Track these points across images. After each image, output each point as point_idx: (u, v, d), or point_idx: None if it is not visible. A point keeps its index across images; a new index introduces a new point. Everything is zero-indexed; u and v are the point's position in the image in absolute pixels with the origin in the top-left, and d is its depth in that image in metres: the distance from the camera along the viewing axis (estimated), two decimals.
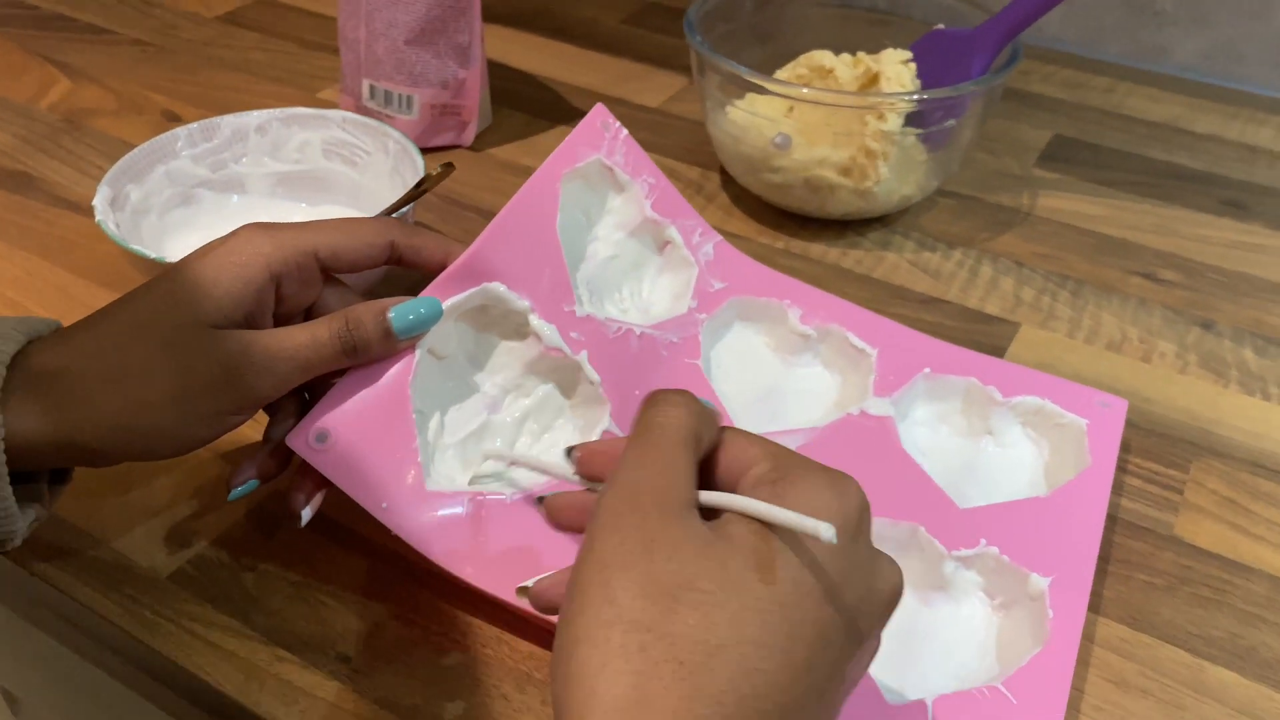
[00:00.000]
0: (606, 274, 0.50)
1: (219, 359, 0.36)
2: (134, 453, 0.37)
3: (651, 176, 0.51)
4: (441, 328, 0.41)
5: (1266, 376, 0.53)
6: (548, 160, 0.47)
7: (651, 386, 0.44)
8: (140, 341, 0.37)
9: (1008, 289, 0.59)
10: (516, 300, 0.43)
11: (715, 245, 0.53)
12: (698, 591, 0.27)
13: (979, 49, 0.60)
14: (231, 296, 0.37)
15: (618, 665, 0.26)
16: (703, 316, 0.50)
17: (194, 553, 0.43)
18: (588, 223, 0.50)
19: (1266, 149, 0.73)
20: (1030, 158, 0.71)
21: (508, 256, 0.43)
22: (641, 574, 0.28)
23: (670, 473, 0.30)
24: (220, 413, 0.37)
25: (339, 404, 0.39)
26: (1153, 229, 0.64)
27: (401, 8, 0.64)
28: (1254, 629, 0.41)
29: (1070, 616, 0.38)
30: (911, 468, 0.44)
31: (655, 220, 0.51)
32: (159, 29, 0.85)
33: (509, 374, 0.44)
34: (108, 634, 0.41)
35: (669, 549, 0.28)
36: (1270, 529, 0.45)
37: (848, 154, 0.59)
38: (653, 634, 0.27)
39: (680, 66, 0.81)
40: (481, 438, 0.43)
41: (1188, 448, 0.49)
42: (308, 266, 0.39)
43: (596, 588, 0.28)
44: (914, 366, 0.48)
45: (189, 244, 0.55)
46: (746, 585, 0.28)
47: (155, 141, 0.55)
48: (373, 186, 0.57)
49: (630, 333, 0.46)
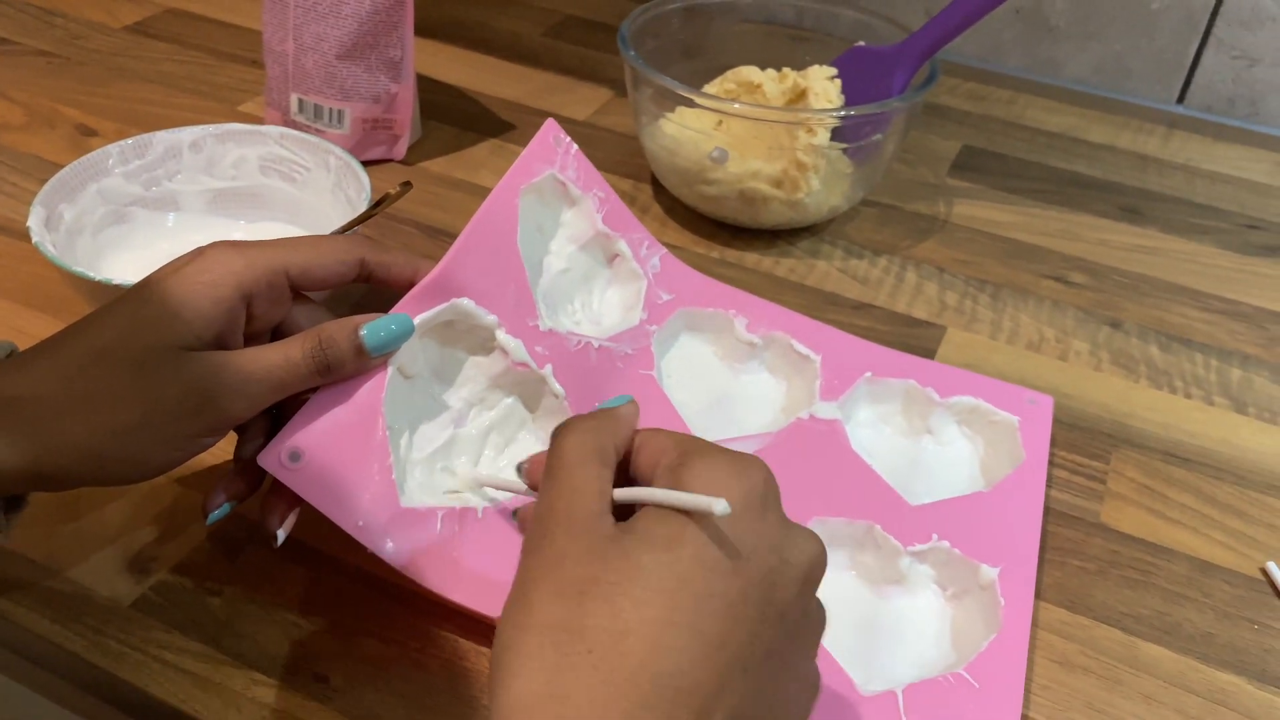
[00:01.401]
0: (559, 286, 0.51)
1: (190, 382, 0.36)
2: (103, 478, 0.36)
3: (601, 191, 0.52)
4: (409, 345, 0.41)
5: (1171, 371, 0.57)
6: (505, 176, 0.47)
7: (608, 398, 0.45)
8: (106, 366, 0.36)
9: (932, 294, 0.62)
10: (484, 315, 0.43)
11: (661, 257, 0.54)
12: (604, 584, 0.29)
13: (899, 66, 0.63)
14: (202, 317, 0.37)
15: (533, 664, 0.28)
16: (653, 328, 0.51)
17: (156, 579, 0.42)
18: (542, 237, 0.51)
19: (1155, 157, 0.78)
20: (943, 168, 0.75)
21: (474, 272, 0.43)
22: (553, 580, 0.29)
23: (573, 492, 0.31)
24: (191, 436, 0.37)
25: (311, 421, 0.39)
26: (1059, 234, 0.68)
27: (331, 21, 0.64)
28: (1178, 606, 0.44)
29: (1020, 603, 0.41)
30: (863, 468, 0.46)
31: (606, 234, 0.52)
32: (64, 40, 0.82)
33: (474, 388, 0.44)
34: (71, 668, 0.40)
35: (577, 555, 0.30)
36: (1185, 513, 0.49)
37: (780, 167, 0.61)
38: (565, 631, 0.28)
39: (604, 79, 0.82)
40: (448, 453, 0.43)
41: (1106, 440, 0.52)
42: (279, 285, 0.39)
43: (516, 602, 0.30)
44: (856, 371, 0.50)
45: (124, 263, 0.54)
46: (650, 569, 0.29)
47: (86, 159, 0.54)
48: (313, 203, 0.57)
49: (589, 345, 0.48)
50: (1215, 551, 0.47)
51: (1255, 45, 0.81)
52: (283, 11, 0.65)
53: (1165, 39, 0.83)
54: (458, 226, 0.63)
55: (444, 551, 0.40)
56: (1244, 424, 0.54)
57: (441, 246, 0.62)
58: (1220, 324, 0.61)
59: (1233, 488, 0.50)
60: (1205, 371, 0.57)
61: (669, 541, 0.29)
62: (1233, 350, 0.59)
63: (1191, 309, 0.62)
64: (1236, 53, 0.82)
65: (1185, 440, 0.53)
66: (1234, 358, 0.58)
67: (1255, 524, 0.48)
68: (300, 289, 0.40)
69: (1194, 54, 0.83)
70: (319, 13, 0.64)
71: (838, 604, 0.41)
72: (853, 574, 0.44)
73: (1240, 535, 0.48)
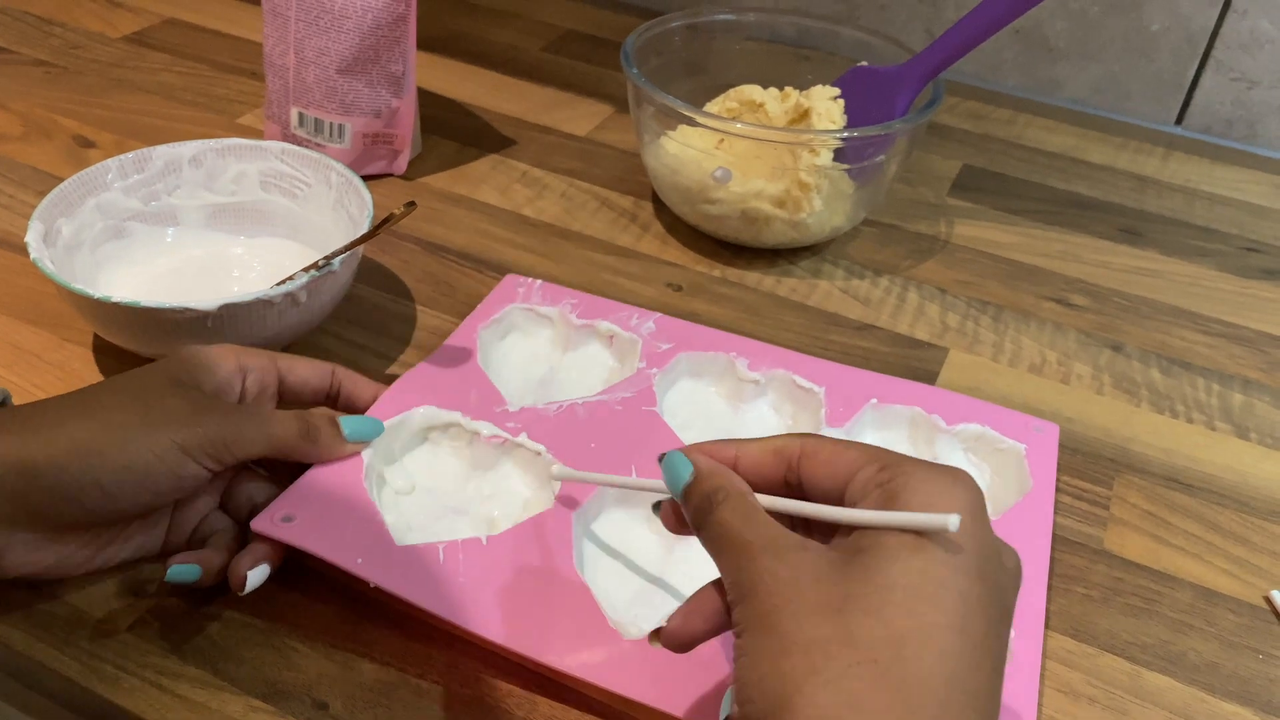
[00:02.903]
0: (556, 382, 0.52)
1: (189, 398, 0.40)
2: (95, 480, 0.37)
3: (572, 299, 0.55)
4: (391, 469, 0.45)
5: (1173, 395, 0.57)
6: (465, 320, 0.53)
7: (606, 438, 0.46)
8: (112, 386, 0.40)
9: (934, 315, 0.62)
10: (446, 414, 0.47)
11: (656, 320, 0.54)
12: (859, 598, 0.28)
13: (903, 86, 0.63)
14: (202, 366, 0.41)
15: (815, 681, 0.27)
16: (654, 371, 0.51)
17: (152, 601, 0.41)
18: (528, 361, 0.54)
19: (1153, 178, 0.78)
20: (943, 187, 0.75)
21: (431, 385, 0.48)
22: (797, 604, 0.29)
23: (760, 548, 0.31)
24: (185, 449, 0.38)
25: (300, 493, 0.42)
26: (1059, 255, 0.68)
27: (333, 36, 0.64)
28: (1183, 635, 0.44)
29: (1030, 635, 0.41)
30: None
31: (587, 324, 0.54)
32: (62, 49, 0.81)
33: (470, 474, 0.46)
34: (65, 692, 0.39)
35: (812, 577, 0.29)
36: (1188, 540, 0.48)
37: (782, 186, 0.61)
38: (837, 644, 0.27)
39: (604, 95, 0.82)
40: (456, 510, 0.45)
41: (1109, 465, 0.52)
42: (269, 370, 0.44)
43: (758, 631, 0.29)
44: (860, 398, 0.50)
45: (122, 279, 0.54)
46: (903, 578, 0.28)
47: (84, 174, 0.53)
48: (314, 219, 0.57)
49: (574, 406, 0.48)
50: (1219, 579, 0.47)
51: (1254, 68, 0.81)
52: (284, 25, 0.65)
53: (1164, 60, 0.83)
54: (458, 243, 0.63)
55: (450, 580, 0.39)
56: (1246, 450, 0.54)
57: (442, 262, 0.62)
58: (1222, 348, 0.61)
59: (1236, 514, 0.50)
60: (1207, 396, 0.57)
61: (913, 551, 0.29)
62: (1234, 374, 0.59)
63: (1193, 332, 0.62)
64: (1235, 75, 0.82)
65: (1188, 466, 0.52)
66: (1235, 382, 0.58)
67: (1259, 551, 0.48)
68: (287, 386, 0.45)
69: (1193, 75, 0.83)
70: (321, 26, 0.64)
71: None
72: None
73: (1244, 563, 0.47)
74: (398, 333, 0.56)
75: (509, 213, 0.67)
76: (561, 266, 0.62)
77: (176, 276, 0.55)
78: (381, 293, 0.59)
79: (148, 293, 0.53)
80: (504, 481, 0.46)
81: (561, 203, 0.69)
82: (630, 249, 0.65)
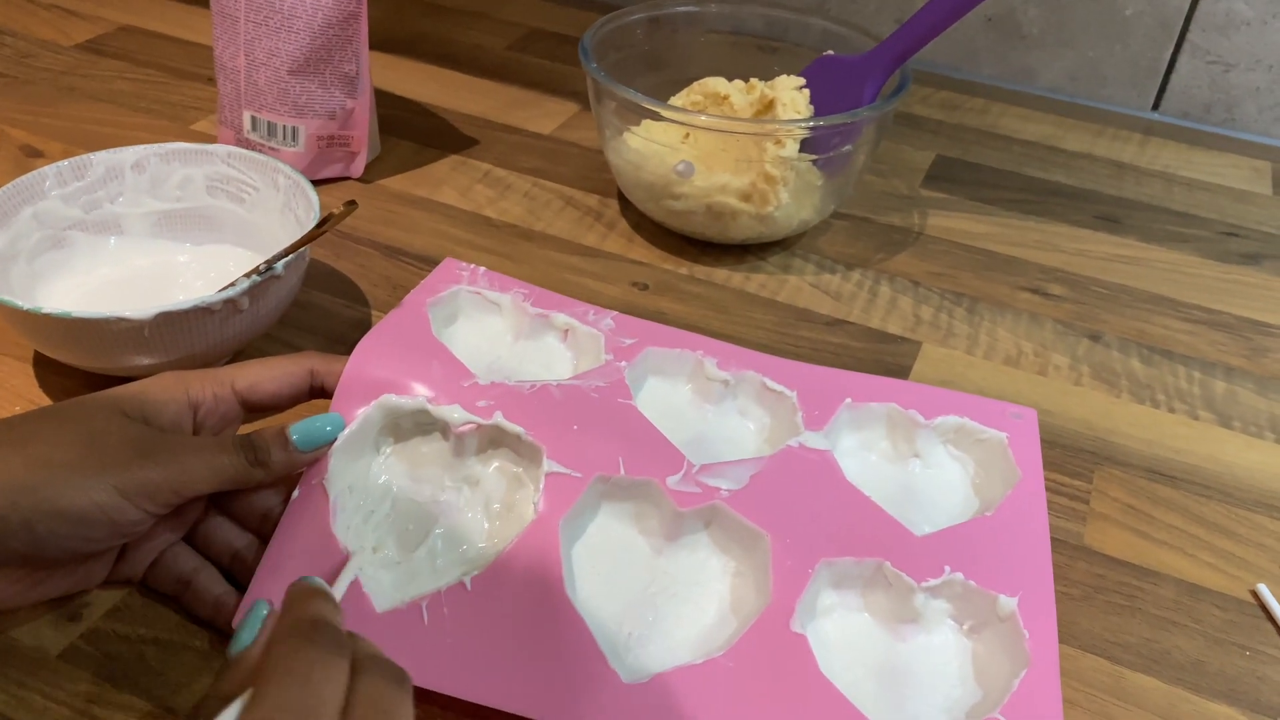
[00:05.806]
0: (510, 365, 0.50)
1: (131, 437, 0.37)
2: (31, 521, 0.34)
3: (523, 289, 0.53)
4: (378, 483, 0.43)
5: (1154, 385, 0.55)
6: (408, 295, 0.50)
7: (589, 422, 0.44)
8: (53, 417, 0.37)
9: (906, 308, 0.60)
10: (410, 403, 0.43)
11: (613, 317, 0.52)
12: None
13: (869, 75, 0.61)
14: (149, 398, 0.38)
15: None
16: (623, 364, 0.49)
17: (86, 626, 0.39)
18: (480, 345, 0.51)
19: (1131, 165, 0.77)
20: (916, 178, 0.73)
21: (388, 367, 0.44)
22: None
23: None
24: (124, 492, 0.36)
25: (270, 574, 0.39)
26: (1036, 245, 0.66)
27: (283, 36, 0.62)
28: (1166, 633, 0.42)
29: (1044, 635, 0.39)
30: (862, 501, 0.43)
31: (542, 314, 0.52)
32: (12, 58, 0.79)
33: (448, 471, 0.44)
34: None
35: None
36: (1171, 533, 0.47)
37: (748, 180, 0.59)
38: None
39: (570, 93, 0.81)
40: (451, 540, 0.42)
41: (1089, 457, 0.50)
42: (225, 397, 0.40)
43: None
44: (835, 399, 0.48)
45: (62, 290, 0.52)
46: None
47: (19, 182, 0.51)
48: (263, 224, 0.55)
49: (548, 386, 0.45)
50: (1204, 574, 0.45)
51: (1230, 50, 0.79)
52: (233, 26, 0.63)
53: (1139, 45, 0.82)
54: (417, 246, 0.62)
55: (436, 642, 0.37)
56: (1230, 439, 0.52)
57: (400, 266, 0.60)
58: (1202, 334, 0.59)
59: (1220, 506, 0.48)
60: (1189, 384, 0.56)
61: None
62: (1215, 362, 0.57)
63: (1173, 319, 0.60)
64: (1211, 58, 0.80)
65: (1170, 457, 0.51)
66: (1217, 369, 0.57)
67: (1244, 544, 0.46)
68: (253, 405, 0.42)
69: (1168, 60, 0.82)
70: (270, 27, 0.62)
71: (854, 648, 0.40)
72: (866, 615, 0.41)
73: (1229, 556, 0.46)
74: (351, 339, 0.53)
75: (470, 214, 0.65)
76: (523, 267, 0.60)
77: (119, 287, 0.53)
78: (335, 298, 0.57)
79: (89, 304, 0.51)
80: (486, 478, 0.44)
81: (525, 203, 0.67)
82: (595, 248, 0.63)
